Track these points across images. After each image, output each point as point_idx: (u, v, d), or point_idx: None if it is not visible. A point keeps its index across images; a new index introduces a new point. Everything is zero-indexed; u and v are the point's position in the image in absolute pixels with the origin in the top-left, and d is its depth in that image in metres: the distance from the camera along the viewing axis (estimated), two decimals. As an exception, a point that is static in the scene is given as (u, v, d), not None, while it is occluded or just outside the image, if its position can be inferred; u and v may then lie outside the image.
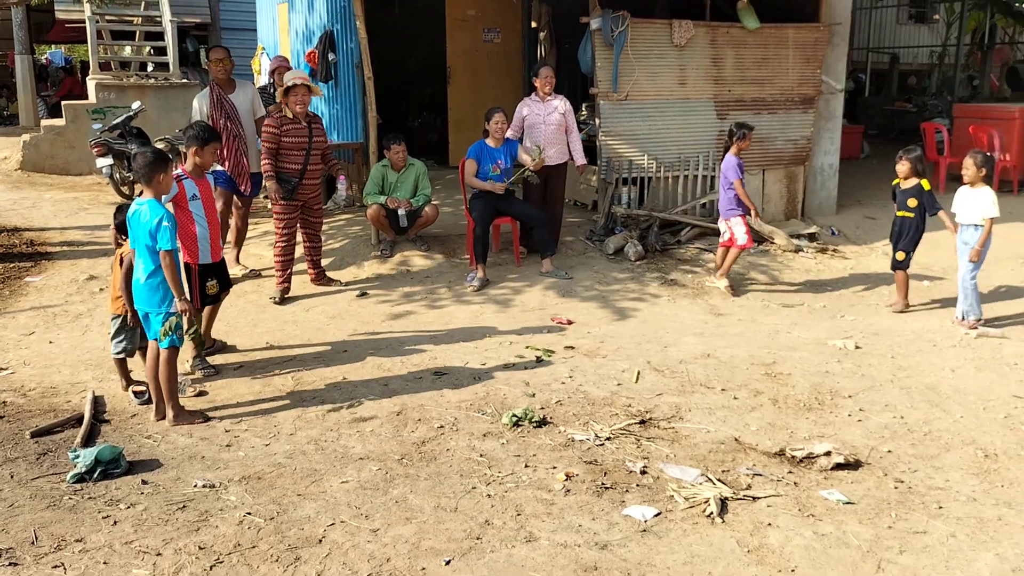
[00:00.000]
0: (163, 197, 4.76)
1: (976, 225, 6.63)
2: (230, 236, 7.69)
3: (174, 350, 4.69)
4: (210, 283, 5.45)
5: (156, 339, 4.68)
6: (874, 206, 10.47)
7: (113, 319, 5.16)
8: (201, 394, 5.12)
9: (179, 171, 5.21)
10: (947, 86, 18.00)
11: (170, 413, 4.68)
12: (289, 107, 6.89)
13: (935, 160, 12.04)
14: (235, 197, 7.67)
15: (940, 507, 3.91)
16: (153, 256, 4.58)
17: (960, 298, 6.75)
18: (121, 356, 5.15)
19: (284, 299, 7.07)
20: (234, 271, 7.22)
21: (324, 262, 7.70)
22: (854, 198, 10.75)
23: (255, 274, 7.63)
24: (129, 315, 4.95)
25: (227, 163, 7.44)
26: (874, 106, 18.36)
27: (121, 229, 5.00)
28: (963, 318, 6.69)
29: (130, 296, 4.80)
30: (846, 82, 16.09)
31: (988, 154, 6.92)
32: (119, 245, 5.10)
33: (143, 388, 5.04)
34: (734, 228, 7.51)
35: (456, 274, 7.74)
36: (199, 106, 7.55)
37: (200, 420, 4.72)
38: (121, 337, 5.12)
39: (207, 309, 5.61)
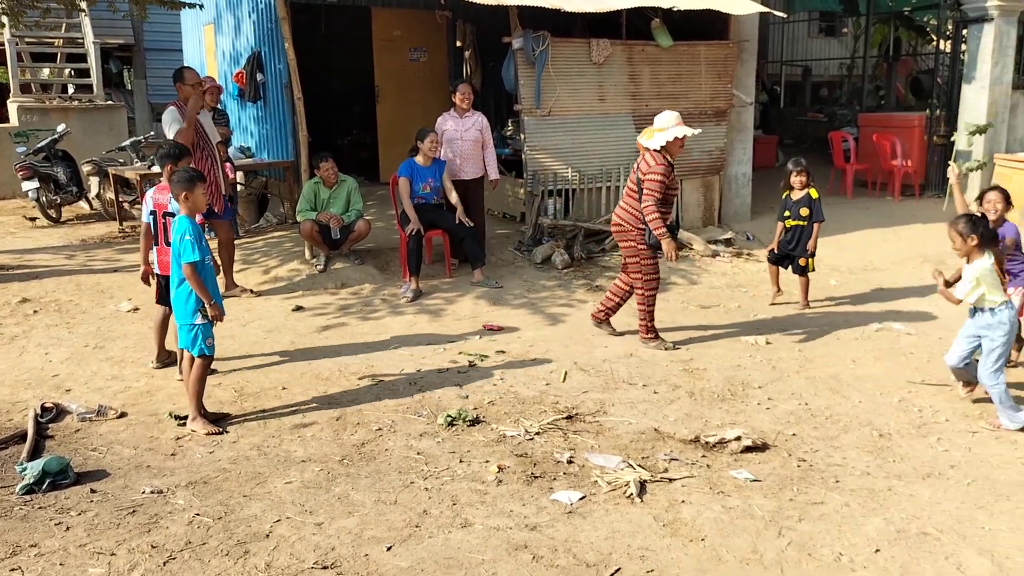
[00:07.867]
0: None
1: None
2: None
3: (206, 359, 4.96)
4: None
5: (187, 347, 4.95)
6: (786, 212, 11.01)
7: None
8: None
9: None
10: (856, 96, 18.90)
11: (191, 415, 4.91)
12: None
13: (843, 167, 12.71)
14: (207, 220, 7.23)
15: (837, 481, 4.32)
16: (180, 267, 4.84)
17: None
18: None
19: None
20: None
21: (255, 278, 7.79)
22: (768, 204, 11.25)
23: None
24: None
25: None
26: (788, 117, 19.14)
27: None
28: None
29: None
30: (761, 94, 16.80)
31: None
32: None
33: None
34: None
35: (390, 286, 7.98)
36: (172, 121, 7.12)
37: (215, 432, 4.86)
38: None
39: None
